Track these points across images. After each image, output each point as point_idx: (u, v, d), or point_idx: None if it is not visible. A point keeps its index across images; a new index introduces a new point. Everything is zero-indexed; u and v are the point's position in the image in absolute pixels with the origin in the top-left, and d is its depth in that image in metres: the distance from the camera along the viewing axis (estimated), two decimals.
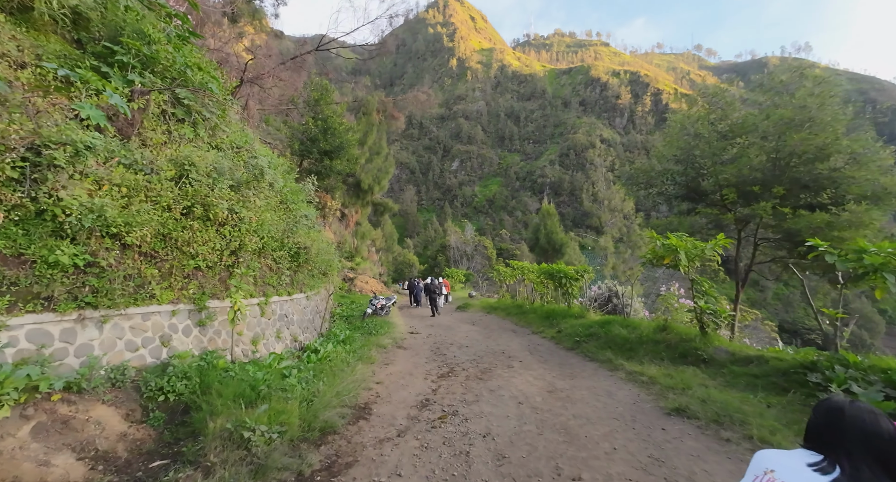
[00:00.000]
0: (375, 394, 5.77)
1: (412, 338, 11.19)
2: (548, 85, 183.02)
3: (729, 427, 4.15)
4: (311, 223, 10.88)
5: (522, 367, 7.59)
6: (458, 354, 8.95)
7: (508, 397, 5.74)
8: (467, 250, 52.75)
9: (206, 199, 5.94)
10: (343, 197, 21.13)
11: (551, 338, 10.54)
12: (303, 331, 8.89)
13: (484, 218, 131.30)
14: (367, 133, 21.69)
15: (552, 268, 13.23)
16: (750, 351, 6.32)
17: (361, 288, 32.93)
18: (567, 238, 29.17)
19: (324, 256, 11.14)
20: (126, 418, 4.01)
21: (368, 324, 12.90)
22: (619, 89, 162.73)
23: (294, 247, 8.64)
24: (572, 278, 12.55)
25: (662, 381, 5.80)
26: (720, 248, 6.60)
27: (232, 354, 5.91)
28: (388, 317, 15.67)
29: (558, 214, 35.54)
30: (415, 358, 8.57)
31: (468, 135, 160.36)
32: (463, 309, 19.58)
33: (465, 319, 15.95)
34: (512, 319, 14.93)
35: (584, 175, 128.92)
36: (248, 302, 6.76)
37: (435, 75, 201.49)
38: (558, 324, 11.62)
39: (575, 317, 11.70)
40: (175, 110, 7.88)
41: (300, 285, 9.15)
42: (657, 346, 7.42)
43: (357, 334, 10.96)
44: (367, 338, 10.19)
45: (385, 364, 7.79)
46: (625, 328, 8.83)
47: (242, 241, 6.62)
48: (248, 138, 9.23)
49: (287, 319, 8.11)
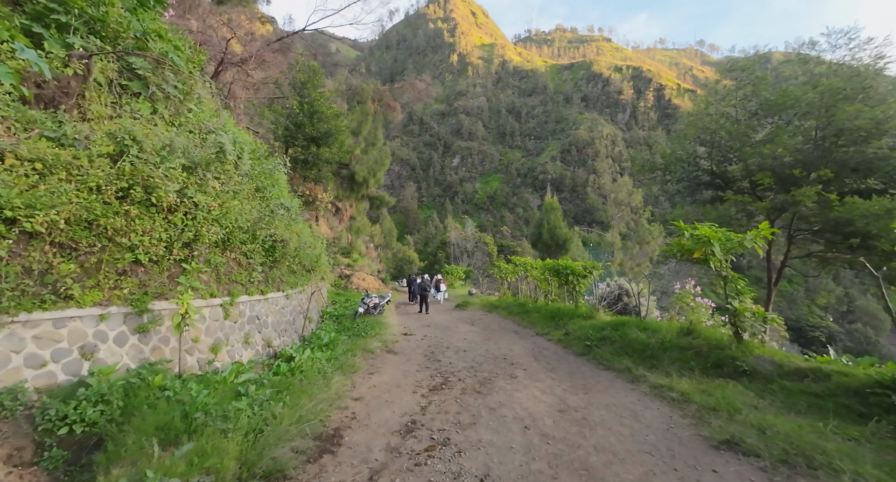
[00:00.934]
0: (351, 415, 4.77)
1: (405, 341, 10.20)
2: (549, 80, 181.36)
3: (807, 472, 3.15)
4: (294, 214, 9.87)
5: (527, 377, 6.59)
6: (455, 360, 7.97)
7: (512, 419, 4.75)
8: (468, 247, 51.75)
9: (148, 180, 4.92)
10: (337, 190, 20.12)
11: (558, 342, 9.54)
12: (279, 334, 7.91)
13: (485, 215, 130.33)
14: (362, 123, 20.65)
15: (558, 264, 12.23)
16: (800, 361, 5.31)
17: (358, 285, 31.98)
18: (571, 233, 28.11)
19: (308, 251, 10.14)
20: (7, 461, 3.02)
21: (359, 325, 11.92)
22: (621, 85, 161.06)
23: (269, 239, 7.64)
24: (580, 275, 11.54)
25: (698, 400, 4.80)
26: (762, 241, 5.58)
27: (180, 366, 4.92)
28: (382, 317, 14.69)
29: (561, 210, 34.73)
30: (405, 365, 7.57)
31: (469, 131, 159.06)
32: (462, 307, 18.59)
33: (464, 319, 14.96)
34: (514, 319, 13.94)
35: (585, 171, 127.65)
36: (207, 303, 5.77)
37: (435, 71, 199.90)
38: (565, 325, 10.63)
39: (583, 318, 10.70)
40: (130, 83, 6.88)
41: (277, 283, 8.16)
42: (683, 354, 6.41)
43: (344, 337, 9.97)
44: (354, 342, 9.20)
45: (370, 373, 6.79)
46: (642, 331, 7.82)
47: (199, 231, 5.61)
48: (223, 121, 8.21)
49: (259, 322, 7.11)
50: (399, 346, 9.41)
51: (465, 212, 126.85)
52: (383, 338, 10.02)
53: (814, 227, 7.75)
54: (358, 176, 20.35)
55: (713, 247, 5.81)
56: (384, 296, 15.28)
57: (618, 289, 12.25)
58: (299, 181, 13.29)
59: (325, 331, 10.91)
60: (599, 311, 10.83)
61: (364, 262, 39.19)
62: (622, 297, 12.51)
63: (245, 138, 8.94)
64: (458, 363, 7.73)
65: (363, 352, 8.22)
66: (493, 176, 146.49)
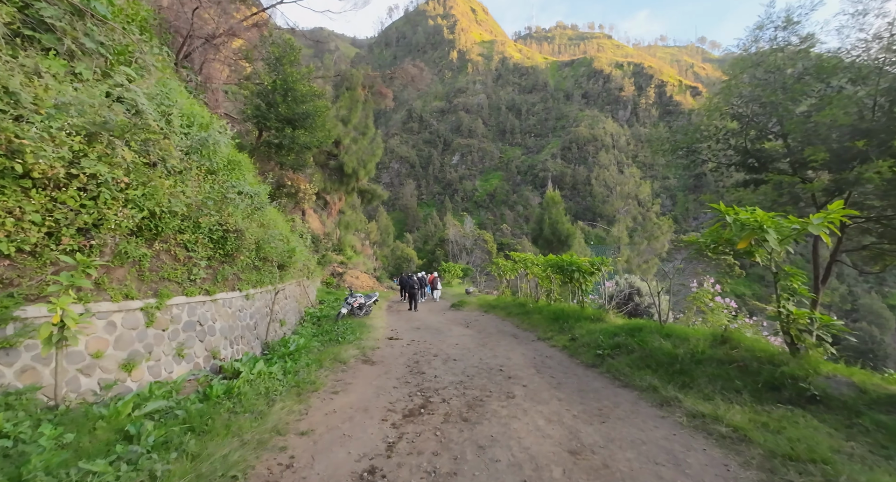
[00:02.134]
0: (286, 463, 3.49)
1: (387, 347, 8.93)
2: (550, 77, 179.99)
3: None
4: (260, 203, 8.59)
5: (528, 397, 5.33)
6: (442, 372, 6.70)
7: (507, 465, 3.49)
8: (466, 244, 50.47)
9: (12, 143, 3.64)
10: (324, 182, 18.84)
11: (563, 349, 8.27)
12: (233, 342, 6.63)
13: (485, 212, 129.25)
14: (352, 110, 19.34)
15: (561, 261, 10.96)
16: (891, 384, 4.03)
17: (351, 283, 30.70)
18: (574, 229, 26.76)
19: (277, 245, 8.86)
20: None
21: (339, 328, 10.67)
22: (622, 81, 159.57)
23: (218, 229, 6.37)
24: (586, 272, 10.27)
25: (761, 439, 3.53)
26: (832, 226, 4.30)
27: (57, 394, 3.64)
28: (369, 318, 13.43)
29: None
30: (381, 379, 6.30)
31: (469, 128, 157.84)
32: (457, 307, 17.33)
33: (459, 320, 13.70)
34: (513, 321, 12.69)
35: (586, 169, 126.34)
36: (119, 306, 4.50)
37: (435, 68, 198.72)
38: (571, 328, 9.36)
39: (591, 321, 9.43)
40: (39, 35, 5.60)
41: (231, 281, 6.88)
42: (723, 369, 5.14)
43: (317, 342, 8.71)
44: (326, 349, 7.93)
45: (333, 392, 5.51)
46: (665, 338, 6.54)
47: (103, 213, 4.34)
48: (171, 91, 6.93)
49: (202, 328, 5.83)
50: (379, 354, 8.14)
51: (464, 209, 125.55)
52: (362, 345, 8.75)
53: (872, 212, 6.50)
54: (347, 167, 19.05)
55: (766, 234, 4.53)
56: (371, 296, 14.02)
57: (628, 287, 11.00)
58: (275, 169, 12.01)
59: (299, 335, 9.66)
60: (609, 313, 9.56)
61: (359, 260, 37.95)
62: (633, 297, 11.25)
63: (199, 112, 7.65)
64: (446, 376, 6.46)
65: (333, 363, 6.95)
66: (493, 173, 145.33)
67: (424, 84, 19.90)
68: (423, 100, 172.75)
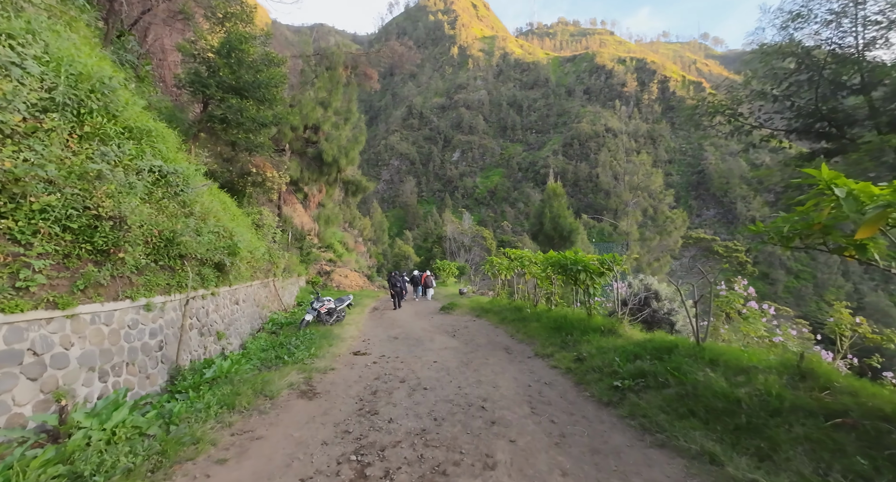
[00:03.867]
0: None
1: (346, 368, 7.07)
2: (551, 73, 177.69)
3: None
4: (181, 184, 6.73)
5: (515, 467, 3.48)
6: (401, 413, 4.85)
7: None
8: (465, 241, 48.59)
9: None
10: (302, 171, 16.98)
11: (567, 372, 6.40)
12: (108, 374, 4.77)
13: (485, 210, 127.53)
14: (332, 92, 17.45)
15: (565, 258, 9.07)
16: None
17: (339, 283, 28.86)
18: (577, 223, 24.75)
19: (208, 239, 7.02)
20: None
21: (297, 340, 8.85)
22: (624, 77, 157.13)
23: (79, 213, 4.52)
24: (595, 273, 8.39)
25: None
26: None
27: None
28: (341, 325, 11.60)
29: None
30: (309, 428, 4.45)
31: (469, 124, 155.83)
32: (447, 310, 15.47)
33: (446, 327, 11.87)
34: (507, 328, 10.84)
35: (588, 165, 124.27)
36: None
37: (436, 64, 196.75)
38: (576, 343, 7.51)
39: (601, 333, 7.57)
40: None
41: (115, 287, 5.03)
42: (820, 429, 3.27)
43: (252, 363, 6.86)
44: (259, 375, 6.08)
45: (218, 461, 3.64)
46: (711, 367, 4.68)
47: None
48: (45, 32, 5.07)
49: (36, 360, 3.96)
50: (328, 380, 6.27)
51: (465, 207, 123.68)
52: (312, 366, 6.89)
53: None
54: (326, 155, 17.17)
55: None
56: (343, 299, 12.16)
57: (643, 290, 9.13)
58: (227, 150, 10.09)
59: (253, 348, 7.85)
60: (623, 323, 7.68)
61: (351, 258, 36.11)
62: (649, 302, 9.36)
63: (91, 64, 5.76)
64: (405, 421, 4.61)
65: (254, 399, 5.10)
66: (493, 170, 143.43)
67: (413, 64, 18.05)
68: (423, 96, 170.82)
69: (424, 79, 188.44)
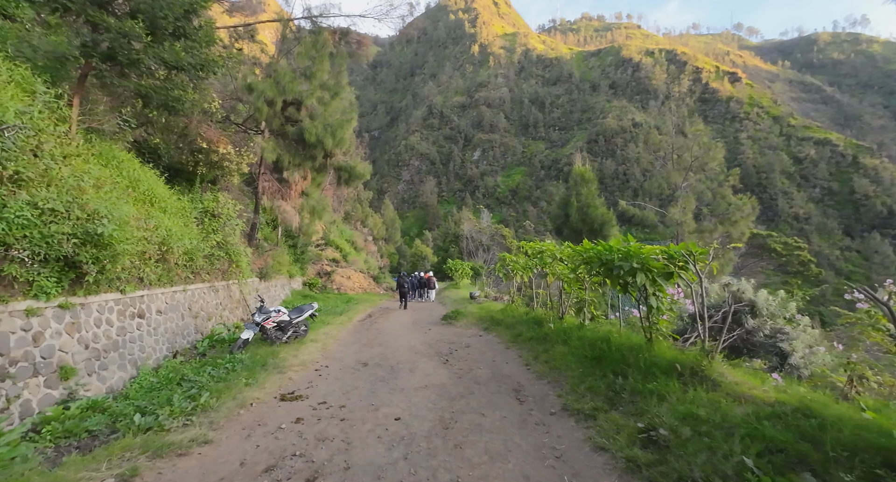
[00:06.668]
0: None
1: (231, 440, 4.14)
2: (575, 68, 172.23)
3: None
4: None
5: None
6: None
7: None
8: (483, 240, 45.35)
9: None
10: (281, 153, 14.34)
11: (629, 470, 3.27)
12: None
13: (507, 209, 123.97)
14: (316, 61, 14.76)
15: (608, 251, 5.86)
16: None
17: (341, 284, 26.22)
18: (611, 215, 20.91)
19: (28, 220, 4.22)
20: None
21: (219, 369, 6.06)
22: (653, 70, 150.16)
23: None
24: (660, 272, 5.19)
25: None
26: None
27: None
28: (301, 343, 8.74)
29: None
30: None
31: (490, 123, 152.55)
32: (450, 320, 12.44)
33: (440, 345, 8.85)
34: (521, 351, 7.73)
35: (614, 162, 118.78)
36: None
37: (456, 63, 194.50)
38: (635, 394, 4.38)
39: (677, 376, 4.39)
40: None
41: None
42: None
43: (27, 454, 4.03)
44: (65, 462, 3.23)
45: None
46: None
47: None
48: None
49: None
50: (173, 478, 3.36)
51: (486, 206, 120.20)
52: (172, 440, 3.98)
53: None
54: (309, 134, 14.44)
55: None
56: (304, 309, 9.27)
57: (730, 300, 5.81)
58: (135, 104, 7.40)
59: (98, 402, 5.11)
60: (716, 360, 4.46)
61: (359, 257, 33.51)
62: (741, 318, 6.07)
63: None
64: None
65: None
66: (515, 169, 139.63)
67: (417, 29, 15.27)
68: (444, 95, 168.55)
69: (445, 78, 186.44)
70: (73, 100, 6.62)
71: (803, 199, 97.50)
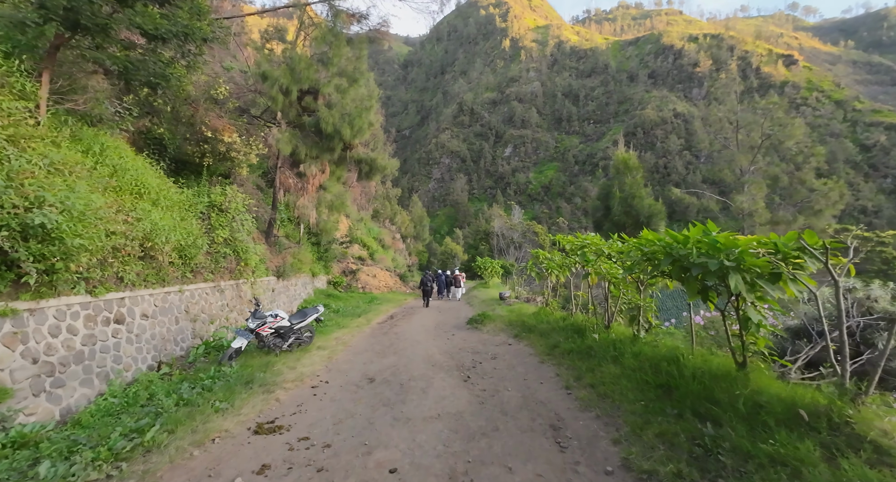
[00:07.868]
0: None
1: None
2: (611, 58, 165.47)
3: None
4: None
5: None
6: None
7: None
8: (514, 237, 43.60)
9: None
10: (296, 145, 13.50)
11: None
12: None
13: (539, 206, 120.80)
14: (333, 46, 13.83)
15: (682, 243, 4.35)
16: None
17: (366, 283, 25.43)
18: (659, 206, 18.62)
19: None
20: None
21: (198, 386, 5.07)
22: (696, 56, 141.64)
23: None
24: (764, 272, 3.68)
25: None
26: None
27: None
28: (305, 351, 7.70)
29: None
30: None
31: (522, 118, 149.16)
32: (476, 324, 11.11)
33: (463, 356, 7.56)
34: (559, 368, 6.31)
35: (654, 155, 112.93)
36: None
37: (487, 59, 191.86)
38: (755, 464, 2.91)
39: (803, 429, 2.90)
40: None
41: None
42: None
43: None
44: None
45: None
46: None
47: None
48: None
49: None
50: None
51: (518, 203, 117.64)
52: None
53: None
54: (325, 124, 13.53)
55: None
56: (307, 312, 8.19)
57: (855, 311, 4.15)
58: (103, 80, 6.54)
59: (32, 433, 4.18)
60: (866, 403, 2.94)
61: (386, 255, 32.73)
62: (870, 336, 4.41)
63: None
64: None
65: None
66: (548, 164, 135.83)
67: None
68: (474, 92, 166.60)
69: (475, 74, 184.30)
70: (43, 75, 5.82)
71: (872, 190, 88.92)
